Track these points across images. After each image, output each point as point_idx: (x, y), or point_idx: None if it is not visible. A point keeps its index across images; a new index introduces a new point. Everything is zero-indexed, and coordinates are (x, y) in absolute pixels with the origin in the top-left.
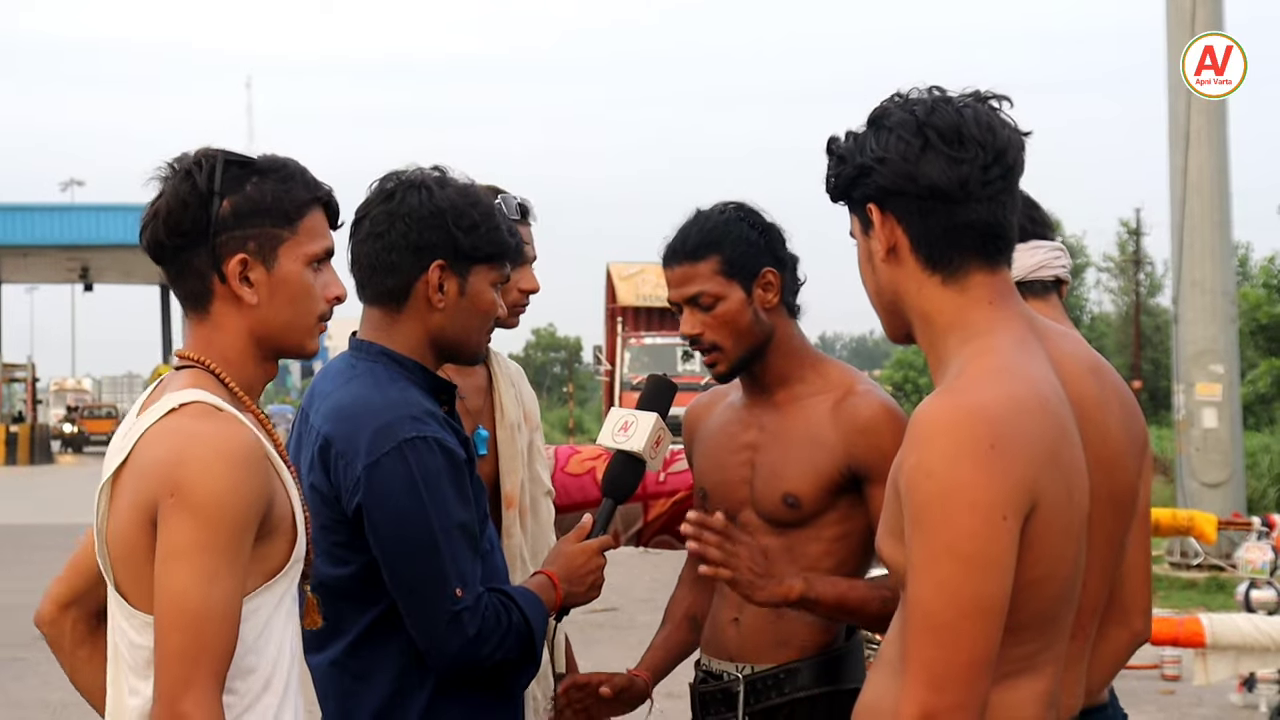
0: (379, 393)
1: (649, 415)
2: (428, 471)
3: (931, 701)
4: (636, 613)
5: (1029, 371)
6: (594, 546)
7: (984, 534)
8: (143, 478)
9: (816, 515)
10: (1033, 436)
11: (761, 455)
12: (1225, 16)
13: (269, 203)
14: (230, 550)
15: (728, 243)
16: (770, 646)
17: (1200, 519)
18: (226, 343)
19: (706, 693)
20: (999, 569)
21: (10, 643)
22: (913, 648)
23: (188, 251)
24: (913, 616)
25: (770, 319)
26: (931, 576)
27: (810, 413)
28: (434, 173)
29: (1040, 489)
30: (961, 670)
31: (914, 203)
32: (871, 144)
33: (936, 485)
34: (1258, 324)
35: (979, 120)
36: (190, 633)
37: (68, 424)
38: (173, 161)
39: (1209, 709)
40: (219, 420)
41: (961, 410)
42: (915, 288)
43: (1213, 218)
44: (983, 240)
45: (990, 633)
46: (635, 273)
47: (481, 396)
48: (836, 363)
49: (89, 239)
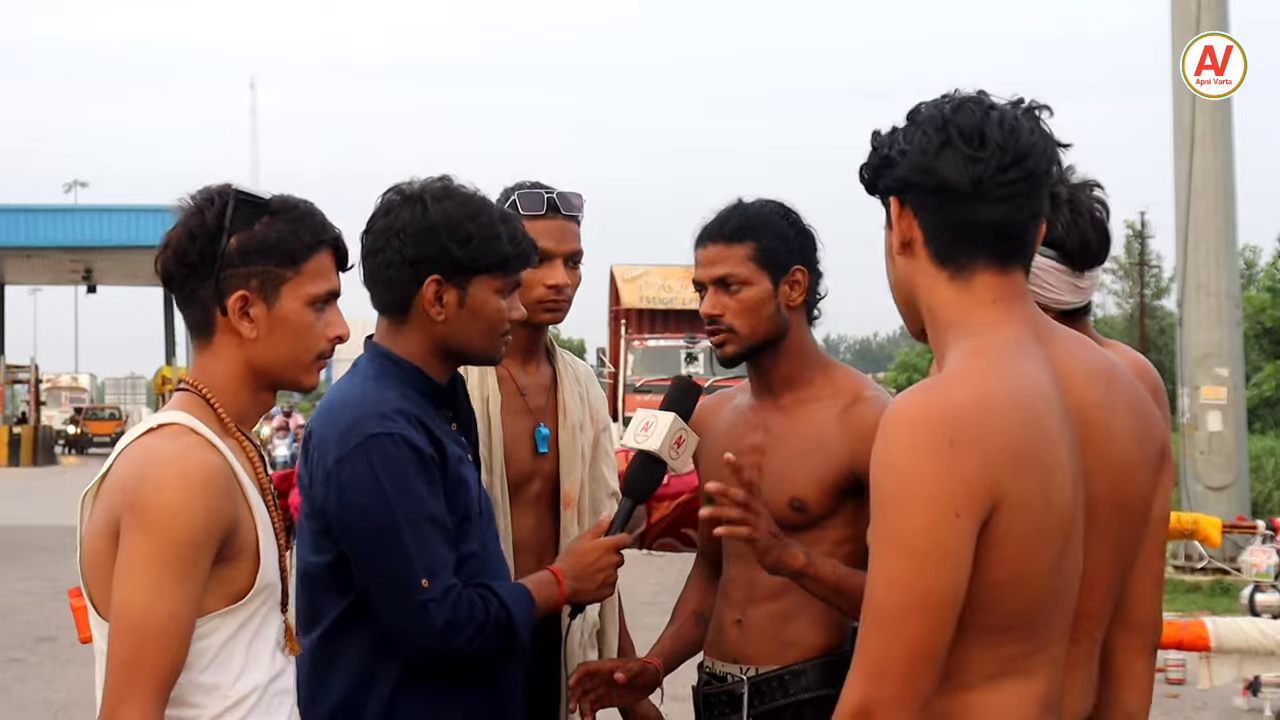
0: (358, 390)
1: (667, 415)
2: (391, 465)
3: (869, 692)
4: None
5: (1013, 372)
6: (607, 544)
7: (934, 529)
8: (111, 492)
9: (822, 519)
10: (998, 436)
11: (768, 459)
12: (1230, 18)
13: (273, 243)
14: (179, 565)
15: (765, 233)
16: (774, 648)
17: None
18: (223, 371)
19: (710, 695)
20: (949, 565)
21: (13, 644)
22: (860, 639)
23: (194, 282)
24: (864, 608)
25: (789, 317)
26: (882, 569)
27: (817, 417)
28: (436, 184)
29: (1003, 489)
30: (900, 662)
31: (928, 197)
32: (900, 137)
33: (894, 479)
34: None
35: (1004, 123)
36: (132, 642)
37: (71, 425)
38: (194, 194)
39: (1213, 713)
40: (186, 441)
41: (926, 406)
42: (926, 282)
43: (1217, 221)
44: (994, 240)
45: (934, 629)
46: (639, 275)
47: (545, 395)
48: (844, 367)
49: (92, 240)
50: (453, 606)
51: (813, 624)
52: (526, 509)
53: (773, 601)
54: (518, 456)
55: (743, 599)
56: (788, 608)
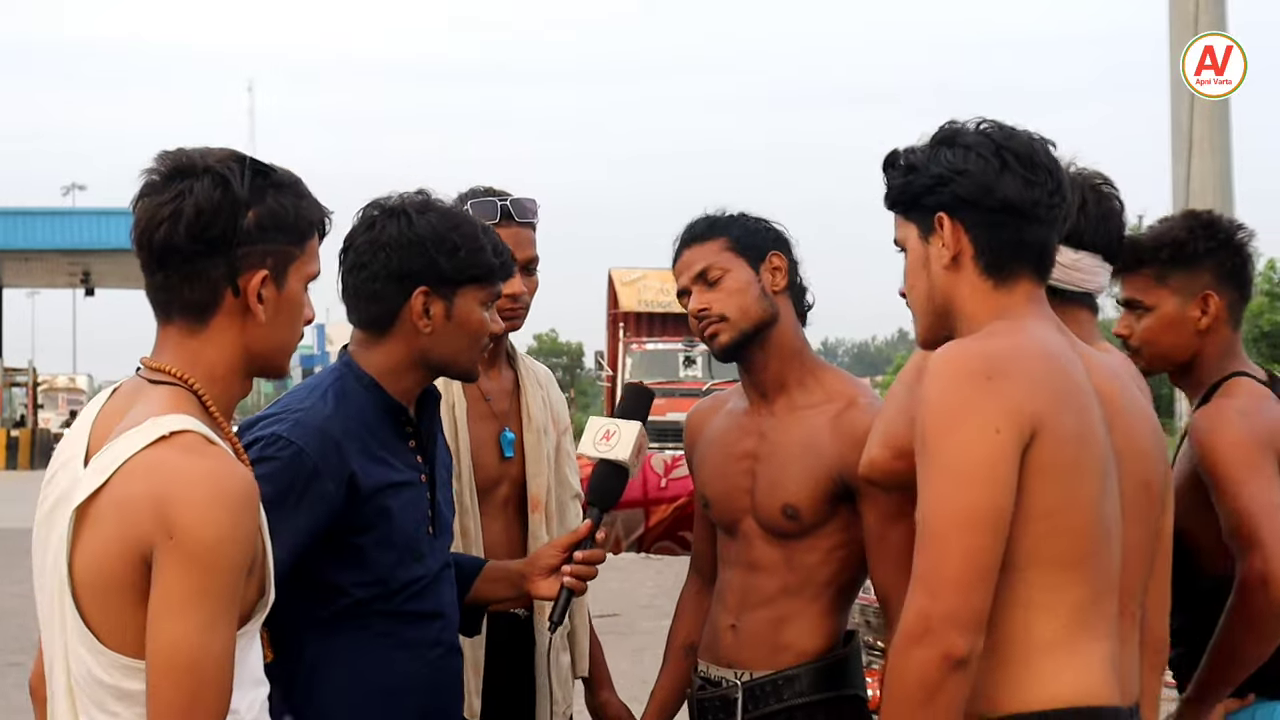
0: (294, 399)
1: (632, 424)
2: (294, 480)
3: (928, 607)
4: (638, 619)
5: (1044, 336)
6: (563, 542)
7: (973, 446)
8: (131, 512)
9: (815, 526)
10: (1035, 375)
11: (762, 465)
12: (1229, 19)
13: (290, 219)
14: (226, 597)
15: (735, 227)
16: (768, 652)
17: None
18: (218, 359)
19: (704, 700)
20: (992, 481)
21: (11, 648)
22: (915, 561)
23: (205, 260)
24: (917, 535)
25: (776, 302)
26: (931, 492)
27: (810, 423)
28: (417, 198)
29: (1041, 419)
30: (952, 576)
31: (987, 215)
32: (948, 157)
33: (933, 410)
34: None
35: (1048, 153)
36: (189, 686)
37: (67, 428)
38: (178, 159)
39: None
40: (213, 457)
41: (963, 349)
42: (968, 292)
43: None
44: (1039, 257)
45: (984, 543)
46: (637, 278)
47: (508, 399)
48: (838, 371)
49: (90, 243)
50: None
51: (806, 629)
52: (495, 514)
53: (766, 606)
54: (484, 461)
55: (737, 604)
56: (781, 613)
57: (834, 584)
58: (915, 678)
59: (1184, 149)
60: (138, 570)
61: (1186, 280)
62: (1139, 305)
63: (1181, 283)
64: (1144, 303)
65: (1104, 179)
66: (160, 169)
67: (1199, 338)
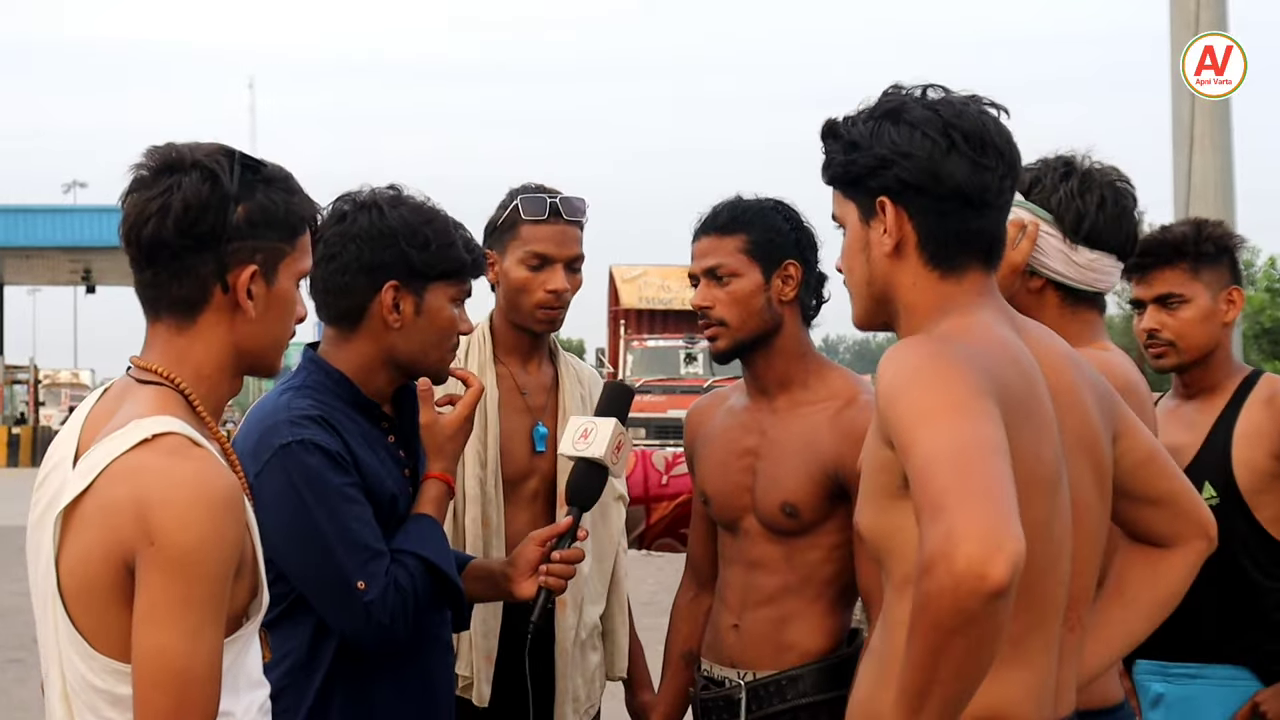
0: (271, 401)
1: (608, 421)
2: (307, 474)
3: (954, 523)
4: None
5: (999, 336)
6: (541, 536)
7: (955, 386)
8: (114, 516)
9: (815, 524)
10: (997, 377)
11: (762, 462)
12: (1229, 18)
13: (281, 215)
14: (213, 603)
15: (757, 226)
16: (772, 652)
17: None
18: (205, 357)
19: (708, 700)
20: (983, 413)
21: (13, 644)
22: (922, 494)
23: (194, 255)
24: (918, 478)
25: (781, 311)
26: (926, 434)
27: (811, 421)
28: (388, 192)
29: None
30: (983, 488)
31: (933, 202)
32: (892, 136)
33: (896, 386)
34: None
35: (1000, 130)
36: (175, 692)
37: None
38: (166, 154)
39: None
40: (196, 459)
41: (918, 340)
42: (911, 282)
43: None
44: (989, 245)
45: (1002, 466)
46: (638, 275)
47: (545, 395)
48: (840, 369)
49: (91, 241)
50: (390, 603)
51: (809, 628)
52: (522, 506)
53: (769, 606)
54: (515, 454)
55: (739, 603)
56: (784, 612)
57: (836, 583)
58: (949, 605)
59: (1185, 145)
60: (122, 575)
61: (1216, 275)
62: (1176, 299)
63: (1212, 277)
64: (1183, 296)
65: (1120, 175)
66: (149, 164)
67: (1223, 331)
